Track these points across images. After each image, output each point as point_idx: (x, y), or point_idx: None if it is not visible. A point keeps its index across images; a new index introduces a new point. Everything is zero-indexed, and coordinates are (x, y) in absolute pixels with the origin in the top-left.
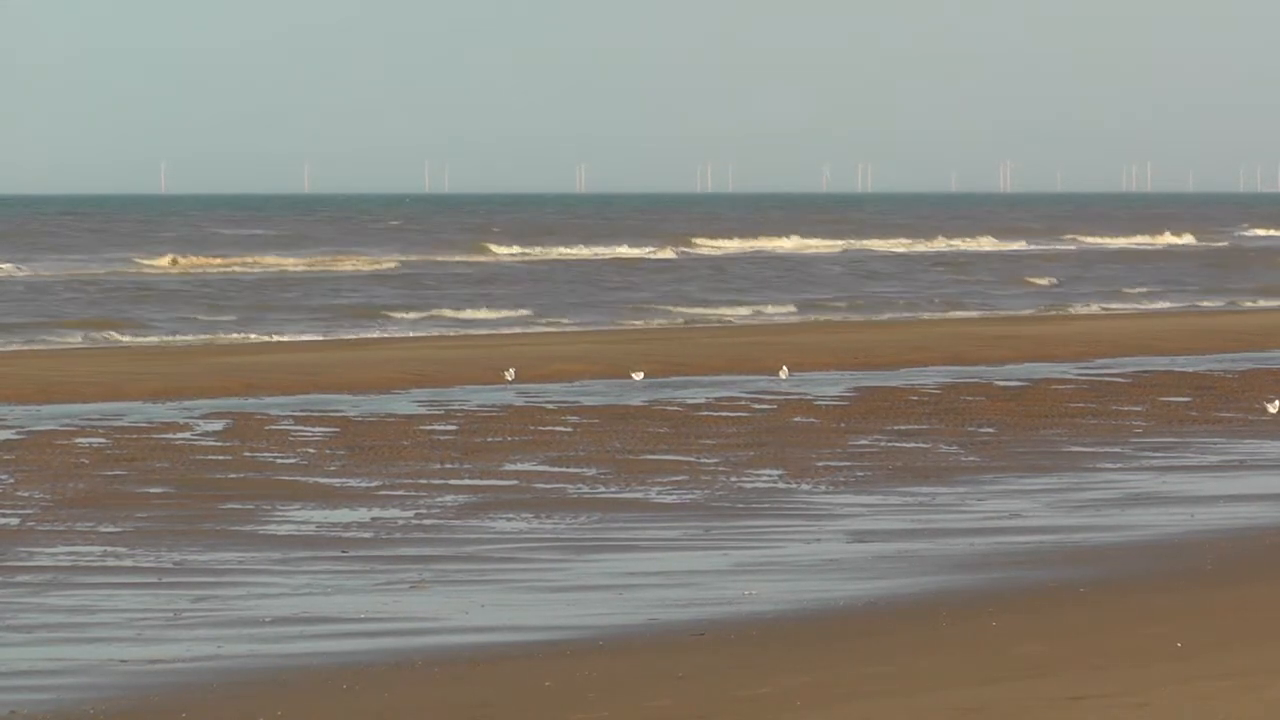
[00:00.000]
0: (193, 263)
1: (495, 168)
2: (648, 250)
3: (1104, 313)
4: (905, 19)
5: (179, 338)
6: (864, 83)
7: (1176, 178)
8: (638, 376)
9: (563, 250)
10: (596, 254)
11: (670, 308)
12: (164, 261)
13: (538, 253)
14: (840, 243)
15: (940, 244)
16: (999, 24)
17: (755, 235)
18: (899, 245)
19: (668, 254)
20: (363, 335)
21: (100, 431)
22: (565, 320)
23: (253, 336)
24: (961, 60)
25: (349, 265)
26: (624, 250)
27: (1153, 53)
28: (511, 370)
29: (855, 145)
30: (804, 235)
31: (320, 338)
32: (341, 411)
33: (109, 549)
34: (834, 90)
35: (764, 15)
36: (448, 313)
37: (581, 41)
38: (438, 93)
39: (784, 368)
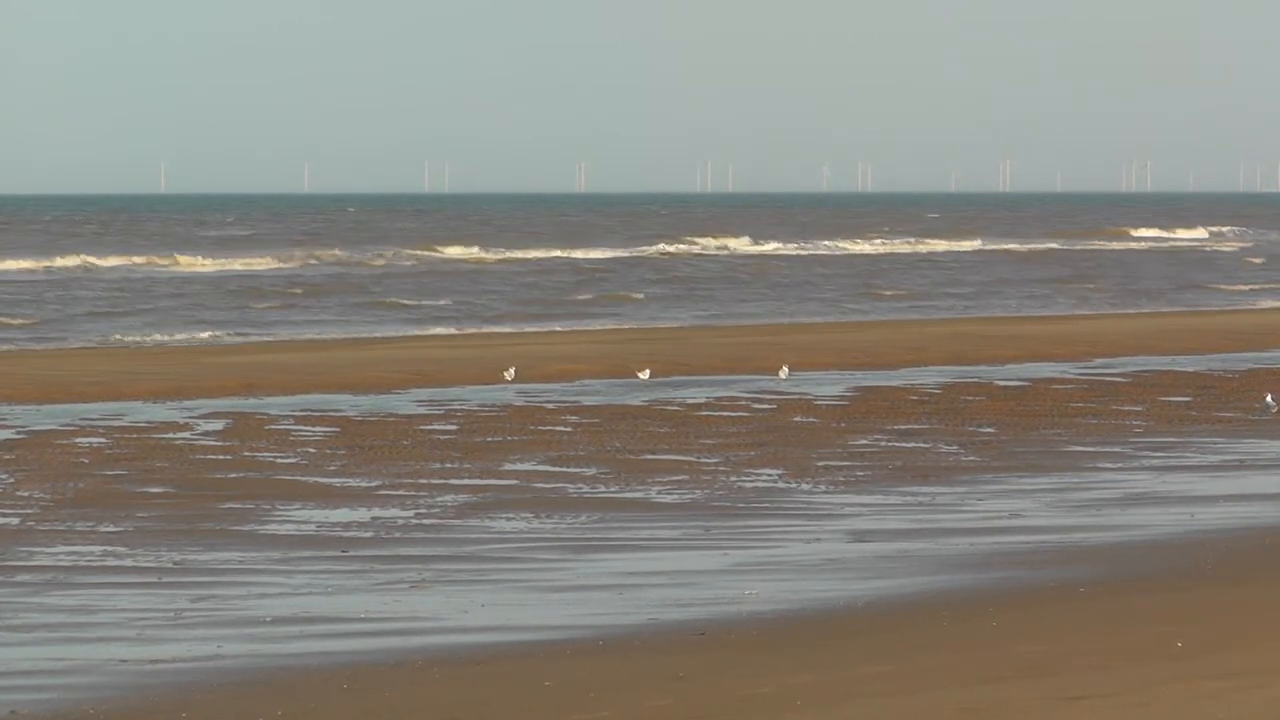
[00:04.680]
0: None
1: (495, 168)
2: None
3: (1108, 312)
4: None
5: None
6: (864, 83)
7: (1176, 178)
8: (644, 375)
9: None
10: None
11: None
12: None
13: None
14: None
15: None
16: (999, 24)
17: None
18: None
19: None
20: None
21: (100, 431)
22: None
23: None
24: (961, 60)
25: None
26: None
27: (1152, 52)
28: (511, 370)
29: (855, 145)
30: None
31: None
32: (341, 411)
33: (109, 549)
34: (834, 90)
35: (764, 15)
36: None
37: (581, 41)
38: (438, 93)
39: (784, 367)
